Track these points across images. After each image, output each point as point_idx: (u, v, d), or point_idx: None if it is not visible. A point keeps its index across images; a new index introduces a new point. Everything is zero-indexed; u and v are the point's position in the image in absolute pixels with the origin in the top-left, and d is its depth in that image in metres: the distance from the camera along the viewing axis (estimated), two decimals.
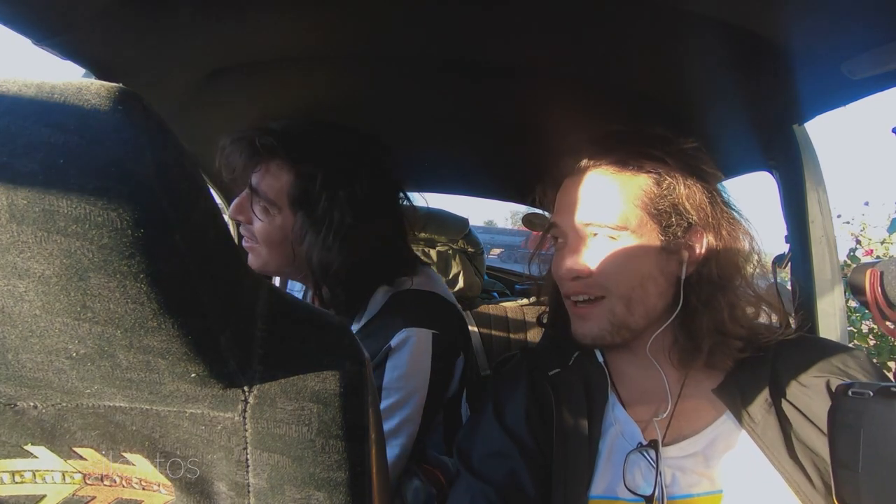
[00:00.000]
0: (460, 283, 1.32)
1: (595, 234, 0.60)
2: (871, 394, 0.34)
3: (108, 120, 0.25)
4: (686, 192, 0.59)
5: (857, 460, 0.33)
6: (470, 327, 1.27)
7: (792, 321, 0.84)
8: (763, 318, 0.65)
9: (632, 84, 0.85)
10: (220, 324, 0.29)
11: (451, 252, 1.33)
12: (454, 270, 1.32)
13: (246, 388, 0.32)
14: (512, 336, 1.29)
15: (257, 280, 0.35)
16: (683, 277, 0.59)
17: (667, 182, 0.59)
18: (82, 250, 0.24)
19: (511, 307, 1.35)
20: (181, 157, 0.28)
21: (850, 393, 0.35)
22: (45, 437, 0.32)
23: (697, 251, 0.60)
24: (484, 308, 1.34)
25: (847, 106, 0.72)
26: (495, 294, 1.54)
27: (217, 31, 0.72)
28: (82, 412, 0.32)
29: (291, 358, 0.33)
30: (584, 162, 0.62)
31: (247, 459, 0.32)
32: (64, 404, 0.31)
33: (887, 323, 0.39)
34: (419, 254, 1.30)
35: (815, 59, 0.64)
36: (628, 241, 0.58)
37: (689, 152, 0.62)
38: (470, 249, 1.37)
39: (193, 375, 0.29)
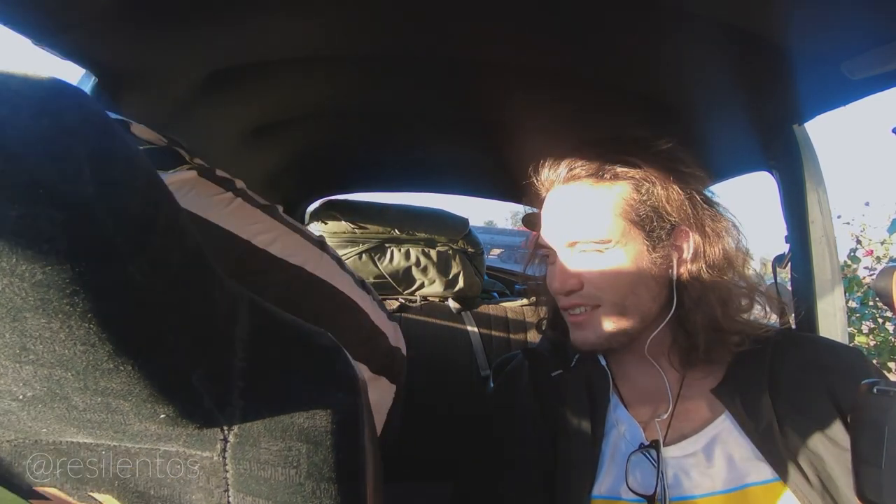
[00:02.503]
0: (460, 283, 1.31)
1: (582, 251, 0.60)
2: None
3: (33, 129, 0.20)
4: (664, 193, 0.59)
5: (880, 457, 0.34)
6: (469, 328, 1.27)
7: (792, 321, 0.84)
8: (759, 313, 0.65)
9: (632, 84, 0.85)
10: (190, 360, 0.26)
11: (451, 252, 1.33)
12: (454, 270, 1.32)
13: (225, 427, 0.28)
14: (512, 336, 1.28)
15: (236, 297, 0.30)
16: (675, 278, 0.59)
17: (645, 186, 0.59)
18: (12, 288, 0.20)
19: (511, 307, 1.35)
20: (132, 170, 0.23)
21: (874, 390, 0.35)
22: (2, 475, 0.28)
23: (685, 250, 0.60)
24: (484, 308, 1.34)
25: (847, 106, 0.72)
26: (495, 294, 1.54)
27: (218, 30, 0.72)
28: (42, 448, 0.28)
29: (276, 390, 0.29)
30: (563, 176, 0.62)
31: (228, 503, 0.29)
32: (21, 440, 0.28)
33: None
34: (419, 254, 1.30)
35: (815, 59, 0.64)
36: (615, 252, 0.58)
37: (665, 153, 0.62)
38: (470, 249, 1.37)
39: (163, 416, 0.26)
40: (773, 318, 0.69)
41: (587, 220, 0.59)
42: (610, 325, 0.59)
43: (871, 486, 0.34)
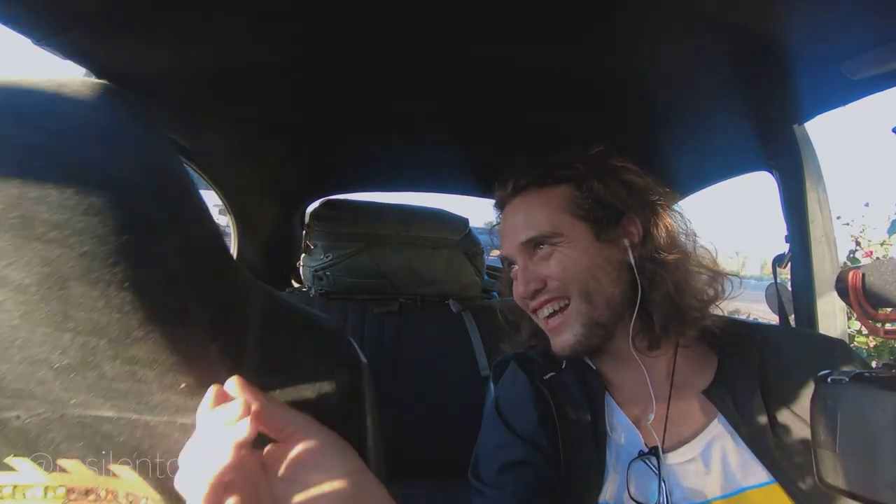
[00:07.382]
0: (460, 283, 1.31)
1: (537, 247, 0.64)
2: (847, 379, 0.37)
3: (89, 120, 0.23)
4: (602, 187, 0.64)
5: (835, 442, 0.36)
6: (469, 327, 1.27)
7: (791, 321, 0.85)
8: (749, 314, 0.65)
9: (631, 84, 0.85)
10: (210, 333, 0.28)
11: (450, 252, 1.33)
12: (454, 270, 1.32)
13: None
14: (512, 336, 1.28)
15: (250, 284, 0.33)
16: (633, 262, 0.62)
17: (584, 184, 0.64)
18: (62, 258, 0.23)
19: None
20: (168, 158, 0.26)
21: (829, 380, 0.38)
22: (28, 448, 0.30)
23: (635, 235, 0.64)
24: (484, 308, 1.34)
25: (847, 106, 0.72)
26: (495, 294, 1.54)
27: (218, 31, 0.72)
28: (67, 422, 0.30)
29: (286, 367, 0.32)
30: (511, 191, 0.69)
31: None
32: (48, 414, 0.30)
33: (869, 321, 0.41)
34: (419, 254, 1.30)
35: (815, 59, 0.64)
36: (567, 244, 0.63)
37: (597, 155, 0.68)
38: (470, 249, 1.37)
39: (183, 386, 0.28)
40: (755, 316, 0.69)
41: (535, 218, 0.64)
42: (582, 318, 0.62)
43: (828, 470, 0.36)
